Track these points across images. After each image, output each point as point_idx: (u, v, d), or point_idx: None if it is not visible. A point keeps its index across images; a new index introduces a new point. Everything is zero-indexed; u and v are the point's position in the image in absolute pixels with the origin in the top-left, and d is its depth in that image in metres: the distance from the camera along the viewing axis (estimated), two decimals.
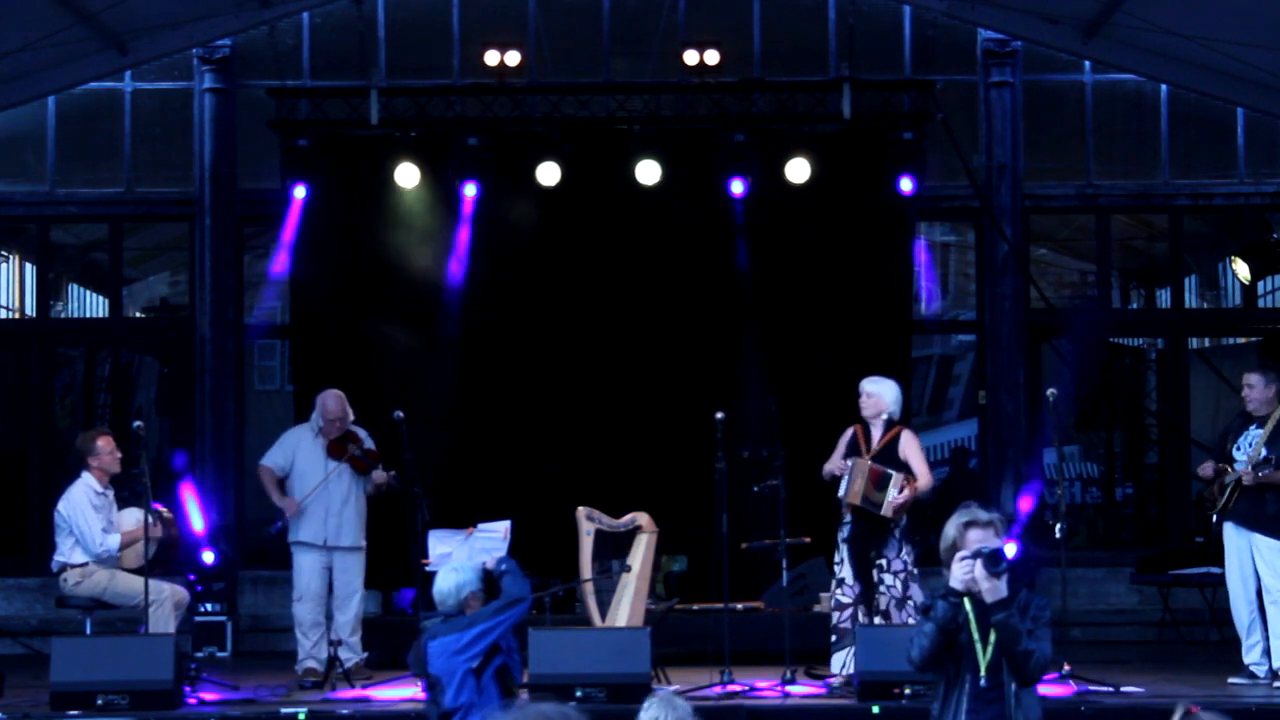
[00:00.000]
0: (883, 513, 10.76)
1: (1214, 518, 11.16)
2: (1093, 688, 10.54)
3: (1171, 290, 15.78)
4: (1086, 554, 15.19)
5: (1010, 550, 13.60)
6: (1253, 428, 11.10)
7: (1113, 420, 16.82)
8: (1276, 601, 10.91)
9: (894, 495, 10.72)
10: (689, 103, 14.42)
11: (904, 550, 10.86)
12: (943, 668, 6.72)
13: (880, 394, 11.13)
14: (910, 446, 10.98)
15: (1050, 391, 11.44)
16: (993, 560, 6.56)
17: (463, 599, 8.17)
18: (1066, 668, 10.66)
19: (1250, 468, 10.85)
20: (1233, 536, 11.10)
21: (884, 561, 10.85)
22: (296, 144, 13.84)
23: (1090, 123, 15.09)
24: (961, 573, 6.60)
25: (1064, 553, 11.40)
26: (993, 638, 6.60)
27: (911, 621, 10.38)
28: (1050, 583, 12.86)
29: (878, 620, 10.74)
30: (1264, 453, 10.88)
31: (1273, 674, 10.91)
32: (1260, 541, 10.96)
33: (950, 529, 6.73)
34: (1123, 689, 10.53)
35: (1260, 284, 15.67)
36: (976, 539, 6.64)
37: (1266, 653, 11.00)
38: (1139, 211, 15.72)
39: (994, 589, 6.57)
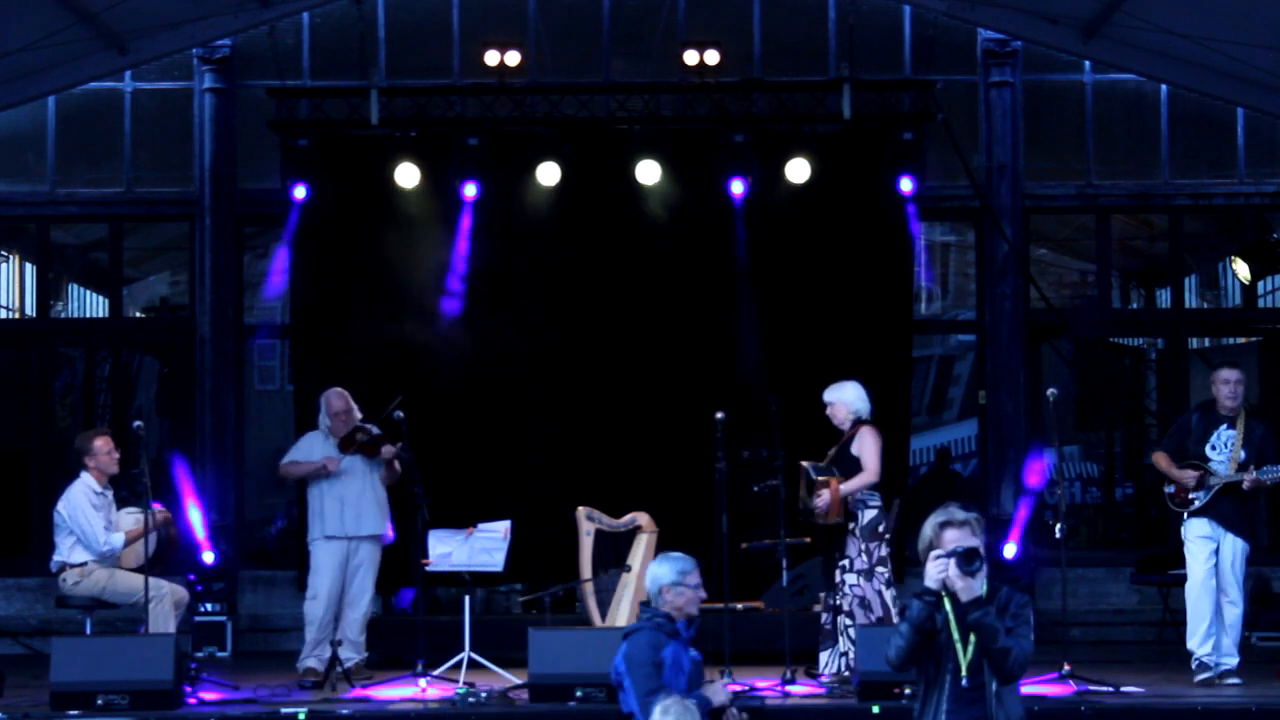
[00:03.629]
0: (817, 520, 10.90)
1: (1184, 514, 11.15)
2: (1093, 688, 10.54)
3: (1171, 290, 15.79)
4: (1086, 554, 15.21)
5: (1010, 550, 13.65)
6: (1223, 427, 11.07)
7: (1113, 420, 16.84)
8: (1235, 602, 11.01)
9: (819, 501, 10.84)
10: (689, 103, 14.43)
11: (867, 549, 10.92)
12: (923, 668, 6.72)
13: (839, 400, 11.21)
14: (863, 441, 11.02)
15: (1050, 391, 11.44)
16: (966, 559, 6.56)
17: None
18: (1066, 668, 10.67)
19: (1257, 475, 10.82)
20: (1203, 530, 11.06)
21: (846, 562, 10.94)
22: (296, 144, 13.85)
23: (1090, 123, 15.09)
24: (936, 571, 6.61)
25: (1064, 553, 11.40)
26: (973, 638, 6.60)
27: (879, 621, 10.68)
28: (1050, 583, 12.87)
29: (845, 621, 10.82)
30: (1243, 454, 10.90)
31: (1220, 672, 10.96)
32: (1229, 540, 11.00)
33: (927, 529, 6.74)
34: (1123, 689, 10.52)
35: (1260, 284, 15.67)
36: (953, 539, 6.64)
37: (1217, 646, 11.04)
38: (1139, 211, 15.73)
39: (968, 588, 6.57)
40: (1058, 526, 11.32)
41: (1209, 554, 11.05)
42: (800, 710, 10.37)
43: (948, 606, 6.63)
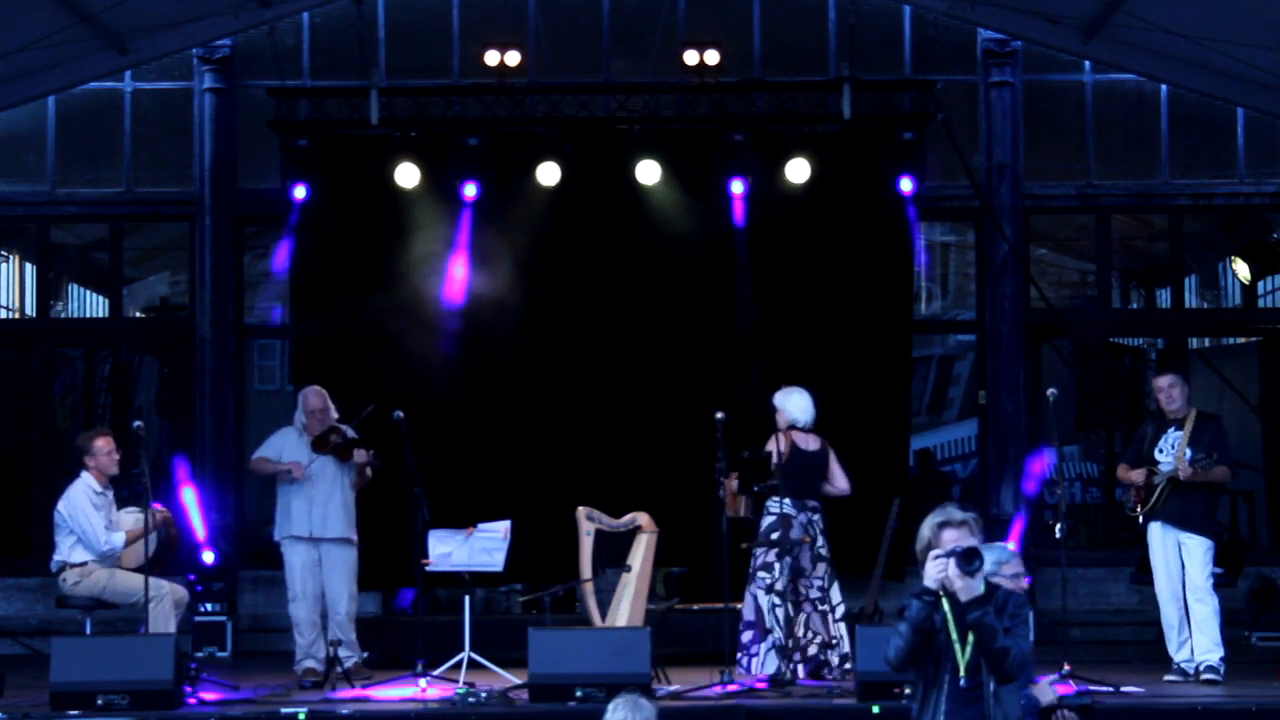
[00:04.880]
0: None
1: (1140, 519, 11.22)
2: (1093, 688, 10.54)
3: (1171, 290, 15.79)
4: (1086, 554, 15.20)
5: (1010, 549, 13.63)
6: (1171, 430, 11.18)
7: (1113, 420, 16.83)
8: (1203, 599, 11.04)
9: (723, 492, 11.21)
10: (689, 103, 14.43)
11: (759, 562, 11.15)
12: (921, 668, 6.72)
13: (781, 407, 11.46)
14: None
15: (1050, 391, 11.45)
16: (965, 559, 6.56)
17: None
18: (1066, 667, 10.67)
19: (1190, 465, 10.89)
20: (1159, 535, 11.17)
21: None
22: (296, 144, 13.85)
23: (1090, 123, 15.09)
24: (935, 571, 6.61)
25: (1064, 553, 11.40)
26: (971, 637, 6.60)
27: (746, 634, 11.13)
28: (1050, 583, 12.86)
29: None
30: (1189, 453, 10.97)
31: (1196, 670, 10.98)
32: (1189, 540, 11.08)
33: (925, 529, 6.74)
34: (1123, 689, 10.52)
35: (1260, 284, 15.67)
36: (951, 539, 6.65)
37: (1193, 649, 11.10)
38: (1139, 211, 15.73)
39: (967, 587, 6.57)
40: (1058, 526, 11.34)
41: (1167, 559, 11.16)
42: (800, 710, 10.37)
43: (946, 606, 6.64)
